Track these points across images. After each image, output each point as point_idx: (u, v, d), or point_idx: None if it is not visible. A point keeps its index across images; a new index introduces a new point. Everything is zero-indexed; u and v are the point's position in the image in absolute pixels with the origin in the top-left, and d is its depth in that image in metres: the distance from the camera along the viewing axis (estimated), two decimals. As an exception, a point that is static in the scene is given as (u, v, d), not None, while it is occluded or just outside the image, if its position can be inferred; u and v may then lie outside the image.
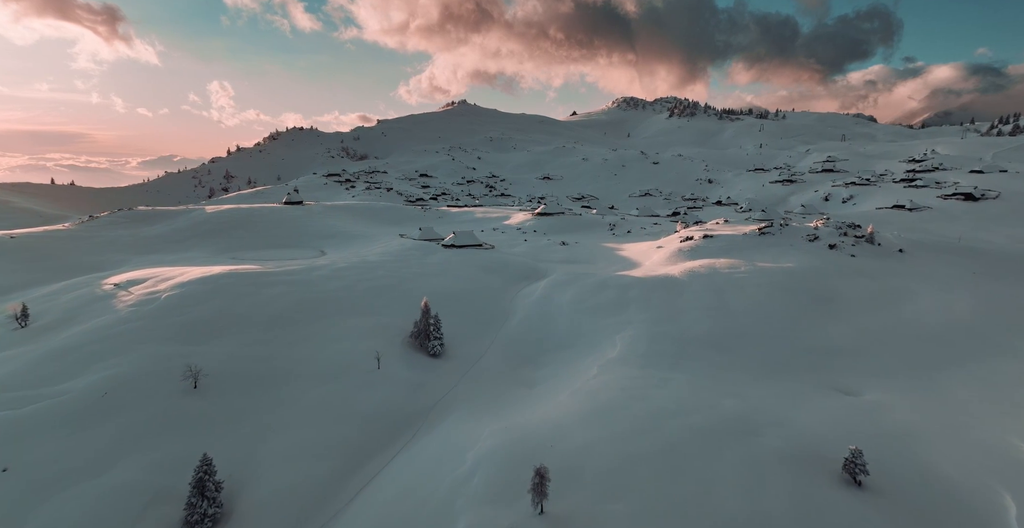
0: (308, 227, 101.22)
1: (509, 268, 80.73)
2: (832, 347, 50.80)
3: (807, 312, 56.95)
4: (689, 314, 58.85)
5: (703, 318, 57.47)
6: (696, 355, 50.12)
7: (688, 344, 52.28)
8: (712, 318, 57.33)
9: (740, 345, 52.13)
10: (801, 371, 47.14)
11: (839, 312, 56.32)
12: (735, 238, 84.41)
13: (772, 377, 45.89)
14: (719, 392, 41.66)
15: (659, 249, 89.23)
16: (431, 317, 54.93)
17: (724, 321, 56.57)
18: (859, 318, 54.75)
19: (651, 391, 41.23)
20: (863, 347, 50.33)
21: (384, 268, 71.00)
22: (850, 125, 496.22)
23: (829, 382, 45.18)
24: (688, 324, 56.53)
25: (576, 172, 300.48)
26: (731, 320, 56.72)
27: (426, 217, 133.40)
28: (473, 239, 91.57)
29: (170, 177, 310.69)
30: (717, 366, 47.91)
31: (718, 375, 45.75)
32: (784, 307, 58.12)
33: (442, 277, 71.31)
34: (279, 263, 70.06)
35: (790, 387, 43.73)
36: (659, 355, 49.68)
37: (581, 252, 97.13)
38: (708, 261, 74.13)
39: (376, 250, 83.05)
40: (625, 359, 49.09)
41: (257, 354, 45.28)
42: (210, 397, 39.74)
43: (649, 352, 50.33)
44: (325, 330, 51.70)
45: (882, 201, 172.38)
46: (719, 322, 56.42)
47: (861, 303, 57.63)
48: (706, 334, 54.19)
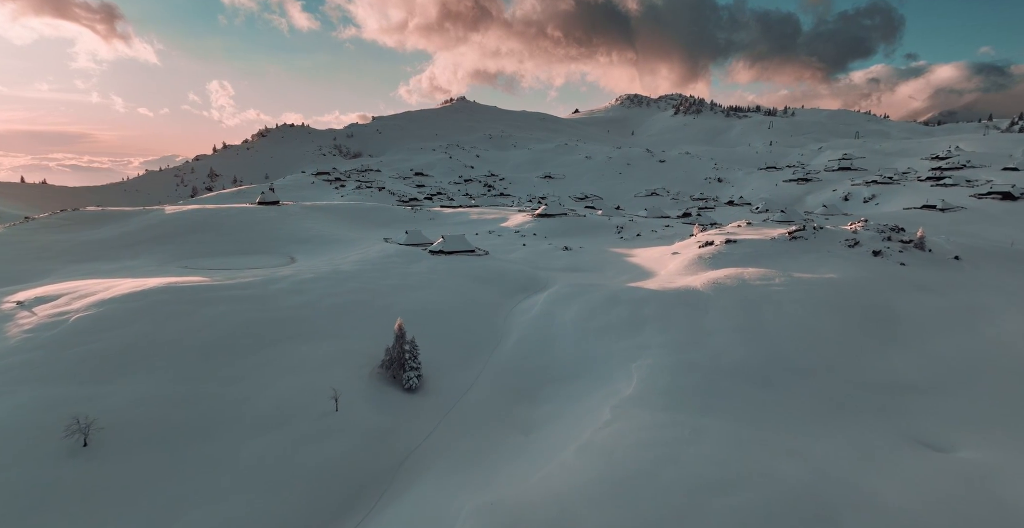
0: (281, 230, 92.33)
1: (504, 278, 71.84)
2: (901, 382, 41.76)
3: (863, 335, 47.92)
4: (718, 337, 49.87)
5: (735, 342, 48.49)
6: (731, 391, 41.13)
7: (720, 376, 43.29)
8: (746, 342, 48.35)
9: (784, 378, 43.14)
10: (867, 414, 38.13)
11: (903, 336, 47.27)
12: (762, 243, 75.42)
13: (832, 423, 36.88)
14: (771, 448, 32.68)
15: (675, 256, 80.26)
16: (406, 342, 46.01)
17: (761, 346, 47.58)
18: (929, 344, 45.70)
19: (682, 448, 32.23)
20: (940, 382, 41.31)
21: (358, 279, 62.09)
22: (862, 122, 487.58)
23: (907, 431, 36.16)
24: (718, 350, 47.56)
25: (579, 171, 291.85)
26: (770, 345, 47.73)
27: (416, 219, 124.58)
28: (464, 244, 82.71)
29: (151, 175, 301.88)
30: (760, 407, 38.92)
31: (763, 421, 36.75)
32: (834, 329, 49.11)
33: (425, 290, 62.40)
34: (234, 273, 61.17)
35: (859, 438, 34.71)
36: (686, 392, 40.71)
37: (586, 258, 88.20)
38: (734, 271, 65.15)
39: (353, 257, 74.18)
40: (644, 398, 40.12)
41: (179, 395, 36.35)
42: (104, 458, 30.80)
43: (673, 388, 41.36)
44: (274, 360, 42.78)
45: (909, 201, 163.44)
46: (755, 347, 47.43)
47: (928, 324, 48.57)
48: (741, 363, 45.20)
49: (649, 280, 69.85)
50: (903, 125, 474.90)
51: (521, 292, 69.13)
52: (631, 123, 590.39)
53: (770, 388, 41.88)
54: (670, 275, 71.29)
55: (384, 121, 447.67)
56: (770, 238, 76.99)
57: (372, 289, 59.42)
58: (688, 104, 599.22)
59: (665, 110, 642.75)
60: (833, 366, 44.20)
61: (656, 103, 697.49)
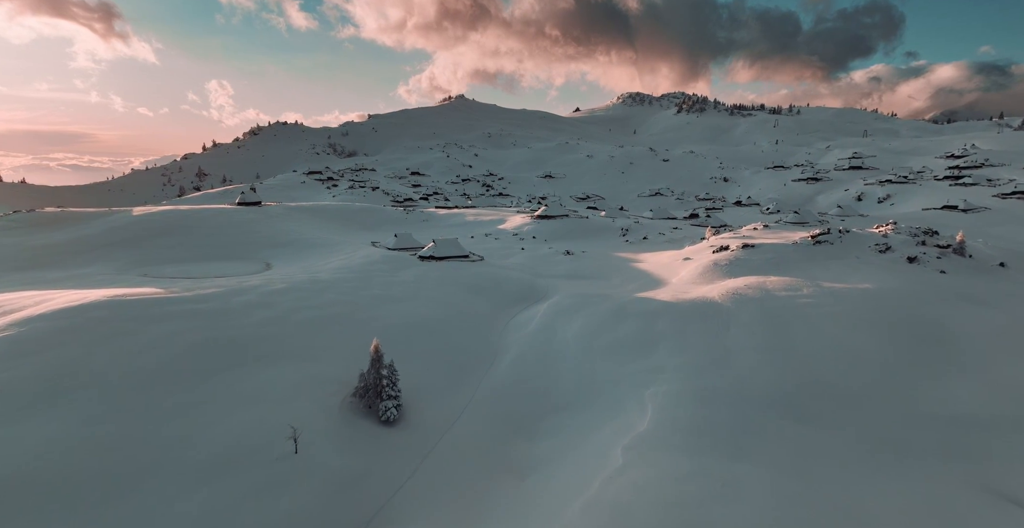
0: (259, 233, 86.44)
1: (500, 287, 66.03)
2: (963, 415, 35.88)
3: (911, 357, 42.05)
4: (742, 358, 44.02)
5: (763, 365, 42.64)
6: (764, 427, 35.27)
7: (748, 408, 37.44)
8: (776, 365, 42.50)
9: (825, 410, 37.28)
10: (931, 458, 32.26)
11: (959, 358, 41.39)
12: (784, 248, 69.58)
13: (891, 470, 31.01)
14: (823, 507, 26.85)
15: (687, 261, 74.41)
16: (384, 367, 40.14)
17: (793, 370, 41.73)
18: (993, 368, 39.83)
19: (715, 509, 26.38)
20: (1010, 415, 35.44)
21: (336, 289, 56.22)
22: (869, 121, 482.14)
23: (983, 480, 30.30)
24: (743, 373, 41.71)
25: (580, 170, 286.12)
26: (803, 368, 41.87)
27: (408, 221, 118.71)
28: (457, 249, 76.84)
29: (137, 175, 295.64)
30: (800, 448, 33.05)
31: (807, 468, 30.88)
32: (876, 349, 43.23)
33: (411, 302, 56.54)
34: (197, 283, 55.27)
35: (928, 493, 28.85)
36: (710, 428, 34.86)
37: (590, 264, 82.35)
38: (755, 279, 59.30)
39: (334, 264, 68.34)
40: (662, 436, 34.26)
41: (103, 437, 30.48)
42: (-7, 526, 24.94)
43: (695, 423, 35.50)
44: (228, 389, 36.91)
45: (927, 201, 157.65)
46: (787, 371, 41.58)
47: (986, 344, 42.69)
48: (771, 391, 39.35)
49: (660, 289, 64.00)
50: (912, 123, 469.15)
51: (519, 303, 63.36)
52: (633, 122, 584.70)
53: (809, 423, 36.00)
54: (683, 284, 65.45)
55: (380, 119, 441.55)
56: (792, 242, 71.13)
57: (351, 301, 53.56)
58: (691, 102, 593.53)
59: (667, 108, 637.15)
60: (881, 395, 38.32)
61: (658, 101, 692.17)
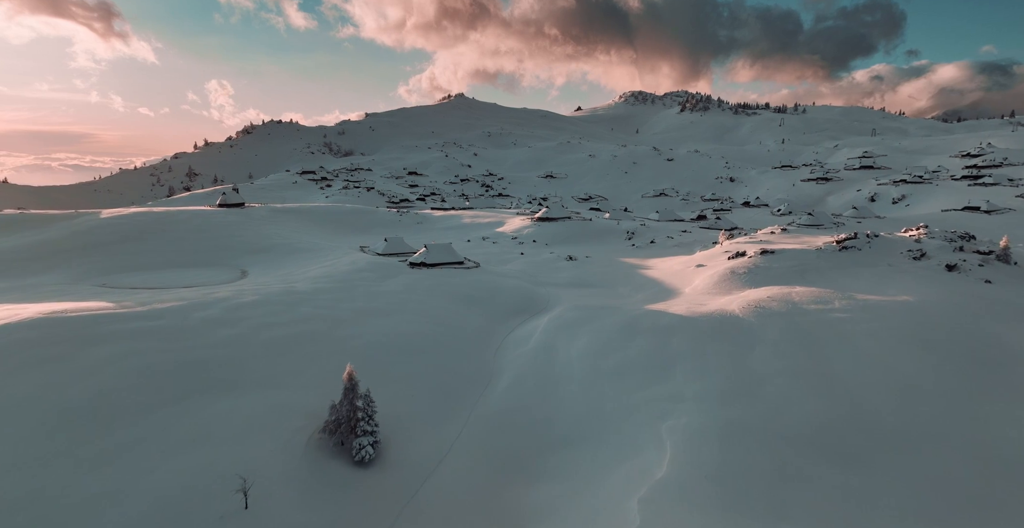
0: (239, 237, 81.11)
1: (497, 297, 60.67)
2: (1045, 460, 30.44)
3: (973, 385, 36.60)
4: (773, 384, 38.60)
5: (798, 393, 37.21)
6: (807, 474, 29.87)
7: (786, 447, 32.03)
8: (813, 393, 37.06)
9: (878, 451, 31.83)
10: (1015, 514, 26.85)
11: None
12: (807, 255, 64.15)
13: (968, 535, 25.60)
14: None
15: (700, 269, 68.99)
16: (359, 397, 34.75)
17: (835, 399, 36.30)
18: (1071, 401, 34.38)
19: (762, 598, 20.98)
20: (1102, 462, 30.00)
21: (313, 301, 50.82)
22: (877, 119, 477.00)
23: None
24: (776, 404, 36.29)
25: (582, 170, 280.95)
26: (846, 398, 36.44)
27: (401, 223, 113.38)
28: (451, 255, 71.47)
29: (126, 174, 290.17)
30: (856, 505, 27.64)
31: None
32: (930, 375, 37.80)
33: (397, 315, 51.14)
34: (157, 294, 49.79)
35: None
36: (743, 475, 29.48)
37: (594, 270, 76.95)
38: (779, 290, 53.88)
39: (314, 271, 62.97)
40: (685, 484, 28.86)
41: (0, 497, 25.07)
42: None
43: (724, 468, 30.09)
44: (172, 427, 31.52)
45: (945, 201, 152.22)
46: (827, 401, 36.15)
47: (1058, 370, 37.24)
48: (811, 426, 33.91)
49: (672, 301, 58.58)
50: (921, 122, 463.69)
51: (517, 315, 58.01)
52: (636, 121, 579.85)
53: (862, 468, 30.56)
54: (698, 294, 60.04)
55: (378, 118, 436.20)
56: (815, 248, 65.70)
57: (329, 315, 48.14)
58: (694, 101, 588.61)
59: (670, 107, 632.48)
60: (942, 432, 32.88)
61: (661, 100, 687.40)
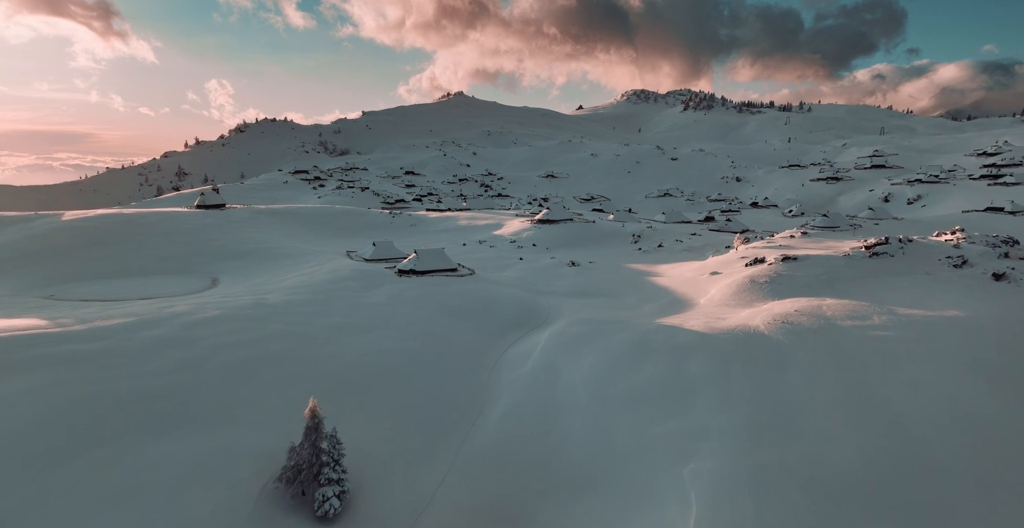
0: (214, 242, 75.90)
1: (493, 309, 55.44)
2: None
3: (1050, 423, 31.25)
4: (811, 417, 33.29)
5: (843, 429, 31.89)
6: (864, 536, 24.63)
7: (835, 500, 26.74)
8: (860, 429, 31.75)
9: (943, 501, 26.55)
10: None
11: (1120, 426, 30.60)
12: (833, 262, 58.87)
13: None
14: None
15: (715, 276, 63.69)
16: (324, 438, 29.50)
17: (888, 438, 30.97)
18: None
19: None
20: None
21: (284, 316, 45.57)
22: (884, 118, 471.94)
23: None
24: (817, 442, 30.99)
25: (584, 169, 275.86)
26: (901, 436, 31.11)
27: (393, 226, 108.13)
28: (443, 261, 66.24)
29: (113, 174, 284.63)
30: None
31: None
32: (996, 406, 32.47)
33: (379, 331, 45.88)
34: (105, 309, 44.51)
35: None
36: (788, 539, 24.22)
37: (599, 278, 71.69)
38: (807, 302, 48.59)
39: (291, 281, 57.72)
40: (719, 554, 23.62)
41: None
42: None
43: None
44: (87, 479, 26.27)
45: (964, 201, 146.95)
46: (878, 439, 30.83)
47: None
48: (862, 471, 28.60)
49: (687, 313, 53.31)
50: (929, 120, 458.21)
51: (514, 329, 52.78)
52: (638, 120, 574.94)
53: (927, 525, 25.31)
54: (715, 306, 54.74)
55: (375, 116, 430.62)
56: (842, 254, 60.42)
57: (301, 333, 42.90)
58: (698, 100, 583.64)
59: (673, 106, 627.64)
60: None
61: (664, 99, 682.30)
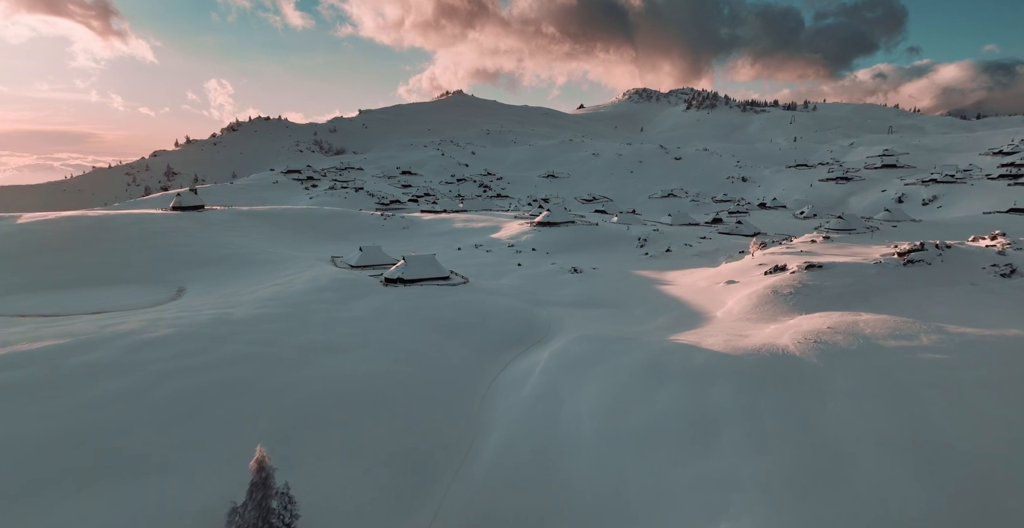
0: (186, 247, 70.76)
1: (487, 323, 50.34)
2: None
3: None
4: (862, 462, 28.10)
5: (902, 476, 26.73)
6: None
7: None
8: (923, 477, 26.58)
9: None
10: None
11: None
12: (863, 270, 53.74)
13: None
14: None
15: (732, 286, 58.53)
16: (272, 494, 24.39)
17: (955, 486, 25.86)
18: None
19: None
20: None
21: (249, 334, 40.42)
22: (892, 117, 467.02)
23: None
24: (872, 495, 25.86)
25: (585, 169, 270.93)
26: (972, 483, 25.99)
27: (385, 228, 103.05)
28: (434, 268, 61.13)
29: (99, 173, 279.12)
30: None
31: None
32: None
33: (356, 352, 40.75)
34: (40, 326, 39.34)
35: None
36: None
37: (604, 286, 66.55)
38: (841, 318, 43.47)
39: (265, 291, 52.57)
40: None
41: None
42: None
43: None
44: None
45: (983, 202, 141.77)
46: (946, 490, 25.71)
47: None
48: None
49: (703, 328, 48.15)
50: (938, 119, 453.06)
51: (511, 346, 47.71)
52: (640, 119, 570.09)
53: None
54: (734, 320, 49.59)
55: (371, 115, 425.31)
56: (873, 262, 55.31)
57: (266, 355, 37.76)
58: (700, 98, 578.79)
59: (676, 105, 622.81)
60: None
61: (666, 98, 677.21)
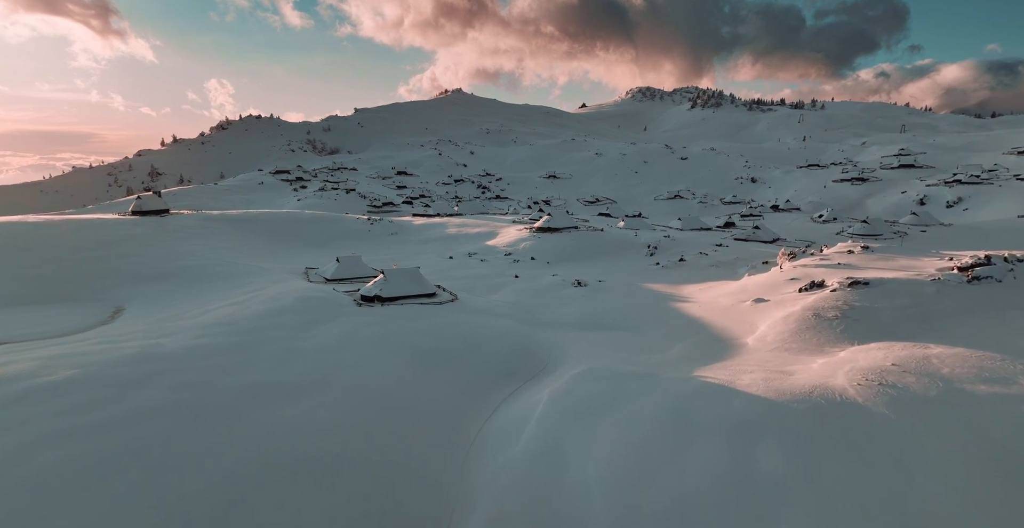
0: (137, 258, 63.32)
1: (477, 352, 42.92)
2: None
3: None
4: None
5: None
6: None
7: None
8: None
9: None
10: None
11: None
12: (919, 288, 46.25)
13: None
14: None
15: (761, 305, 51.03)
16: None
17: None
18: None
19: None
20: None
21: (176, 376, 32.97)
22: (903, 115, 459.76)
23: None
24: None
25: (588, 169, 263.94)
26: None
27: (371, 234, 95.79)
28: (417, 284, 53.73)
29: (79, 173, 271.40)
30: None
31: None
32: None
33: (312, 396, 33.28)
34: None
35: None
36: None
37: (611, 303, 59.10)
38: (906, 350, 35.97)
39: (212, 314, 45.13)
40: None
41: None
42: None
43: None
44: None
45: (1016, 205, 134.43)
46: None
47: None
48: None
49: (734, 360, 40.61)
50: (951, 118, 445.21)
51: (504, 381, 40.32)
52: (643, 118, 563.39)
53: None
54: (770, 349, 42.09)
55: (367, 114, 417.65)
56: (929, 279, 47.84)
57: (191, 404, 30.33)
58: (706, 97, 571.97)
59: (680, 104, 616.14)
60: None
61: (670, 96, 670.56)
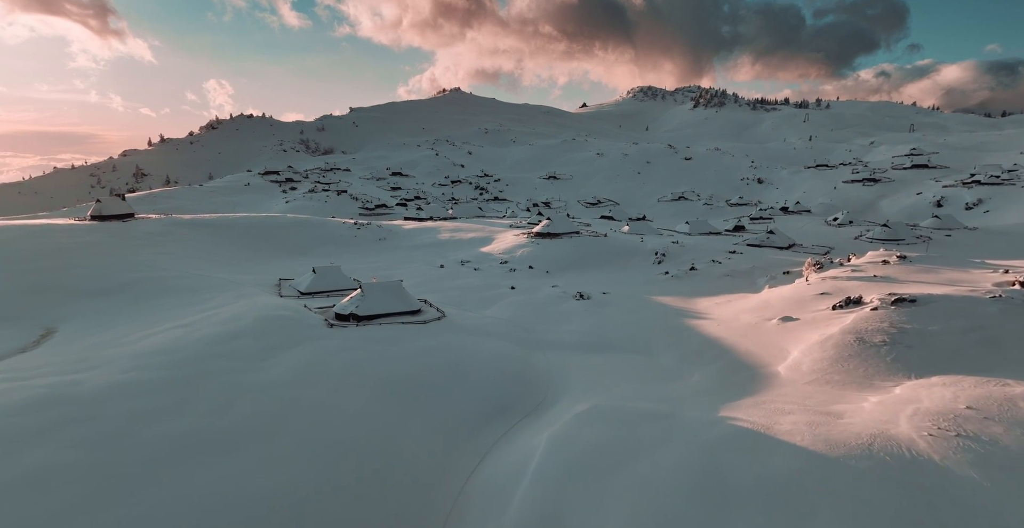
0: (86, 269, 57.33)
1: (463, 382, 36.96)
2: None
3: None
4: None
5: None
6: None
7: None
8: None
9: None
10: None
11: None
12: (978, 308, 40.28)
13: None
14: None
15: (790, 325, 45.02)
16: None
17: None
18: None
19: None
20: None
21: (85, 425, 27.06)
22: (911, 114, 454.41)
23: None
24: None
25: (589, 170, 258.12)
26: None
27: (357, 240, 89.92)
28: (399, 300, 47.76)
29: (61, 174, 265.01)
30: None
31: None
32: None
33: (255, 448, 27.27)
34: None
35: None
36: None
37: (618, 319, 53.05)
38: (980, 388, 29.97)
39: (154, 339, 39.12)
40: None
41: None
42: None
43: None
44: None
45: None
46: None
47: None
48: None
49: (766, 395, 34.50)
50: (961, 117, 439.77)
51: (494, 419, 34.37)
52: (645, 117, 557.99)
53: None
54: (807, 381, 36.03)
55: (362, 113, 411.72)
56: (988, 296, 41.87)
57: (96, 466, 24.44)
58: (708, 96, 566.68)
59: (682, 103, 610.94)
60: None
61: (672, 96, 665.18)
